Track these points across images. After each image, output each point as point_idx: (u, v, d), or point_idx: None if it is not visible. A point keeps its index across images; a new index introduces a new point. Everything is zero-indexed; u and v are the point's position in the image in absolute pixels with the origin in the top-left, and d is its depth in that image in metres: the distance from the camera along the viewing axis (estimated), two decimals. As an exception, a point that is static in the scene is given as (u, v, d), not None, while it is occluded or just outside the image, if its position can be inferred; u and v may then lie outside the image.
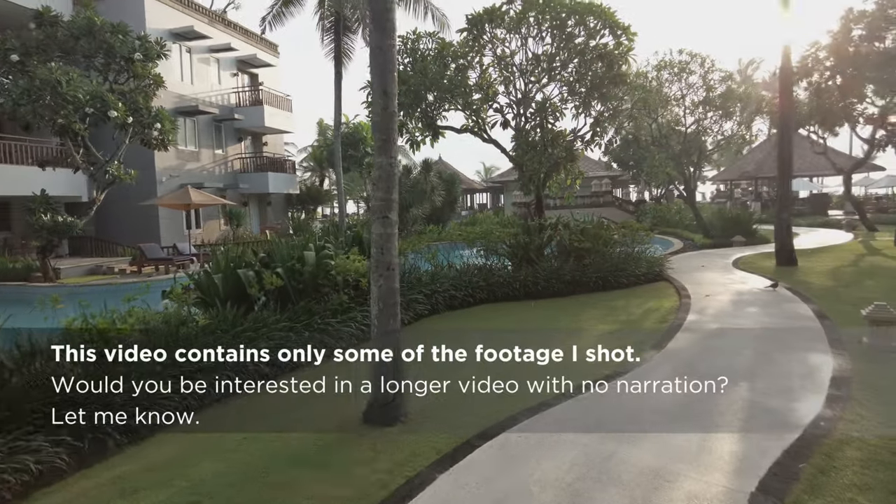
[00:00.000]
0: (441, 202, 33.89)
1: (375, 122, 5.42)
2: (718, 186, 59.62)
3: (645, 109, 20.80)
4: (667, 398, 5.46)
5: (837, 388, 5.71)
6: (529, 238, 14.43)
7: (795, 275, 13.65)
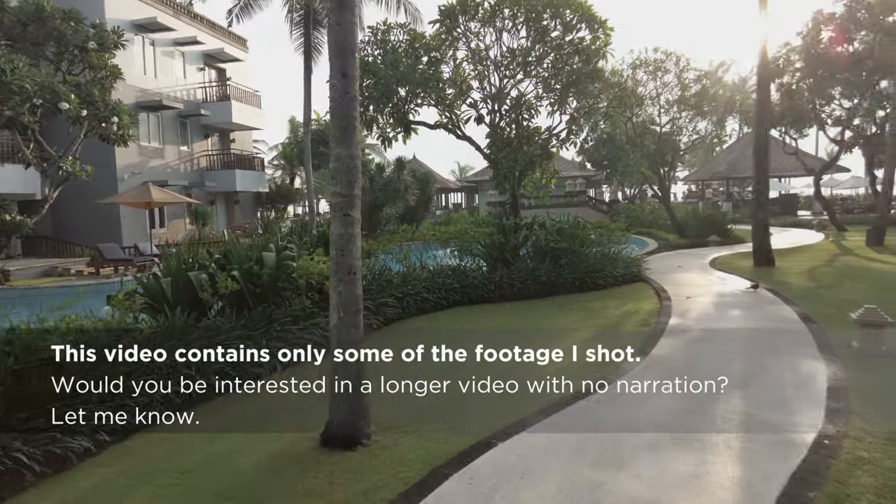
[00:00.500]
0: (415, 201, 33.33)
1: (334, 108, 4.85)
2: (690, 186, 60.18)
3: (621, 107, 20.52)
4: (657, 413, 5.00)
5: (836, 400, 5.32)
6: (505, 238, 13.96)
7: (774, 275, 13.42)
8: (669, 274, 14.48)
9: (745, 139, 45.77)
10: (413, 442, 4.67)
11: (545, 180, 17.70)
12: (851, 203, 42.34)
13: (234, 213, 36.31)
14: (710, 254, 18.45)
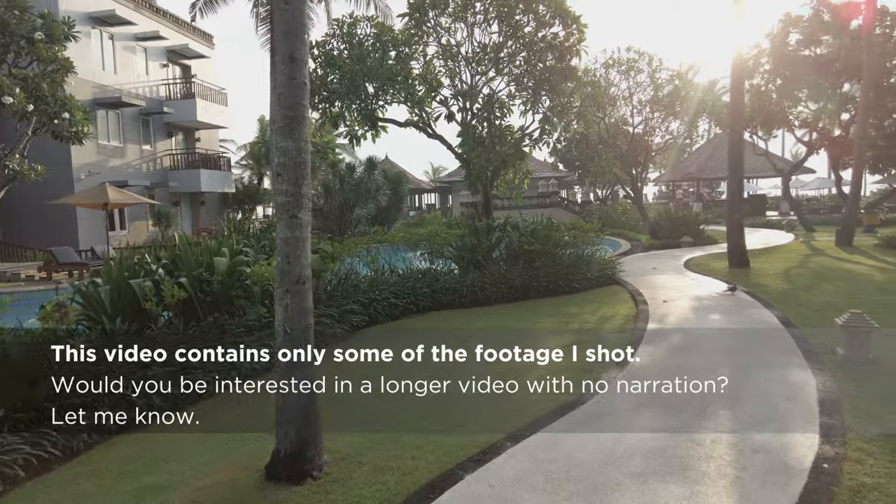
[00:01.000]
0: (387, 202, 32.73)
1: (280, 95, 4.29)
2: (661, 187, 60.70)
3: (594, 106, 20.26)
4: (640, 436, 4.56)
5: (829, 415, 4.95)
6: (477, 240, 13.51)
7: (750, 277, 13.22)
8: (644, 276, 14.19)
9: (715, 140, 46.25)
10: (369, 475, 4.14)
11: (518, 180, 17.34)
12: (817, 204, 43.04)
13: (199, 214, 35.19)
14: (683, 255, 18.28)
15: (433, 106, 14.23)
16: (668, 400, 5.41)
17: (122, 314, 6.83)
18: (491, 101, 13.56)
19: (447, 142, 14.72)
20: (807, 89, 26.00)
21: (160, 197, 29.96)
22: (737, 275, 13.71)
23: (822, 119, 27.46)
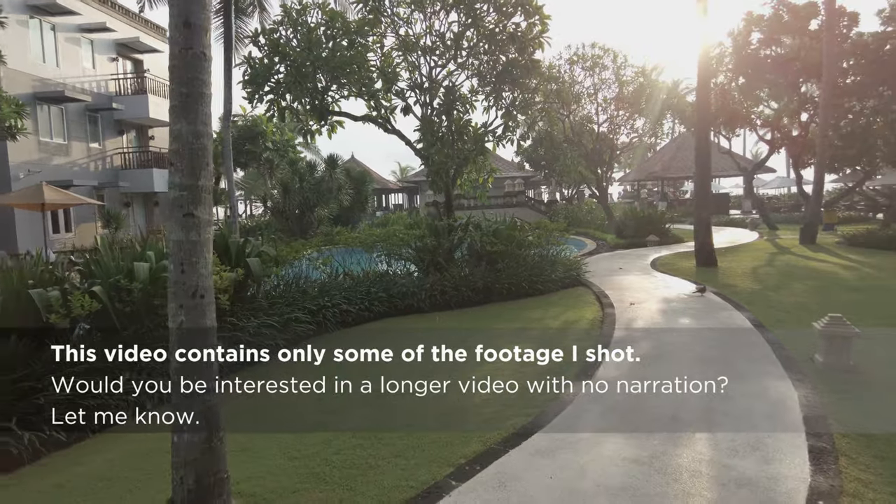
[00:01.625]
0: (349, 202, 31.81)
1: (173, 68, 3.52)
2: (626, 187, 61.08)
3: (558, 102, 19.79)
4: (607, 468, 3.93)
5: (817, 436, 4.42)
6: (437, 241, 12.82)
7: (718, 277, 12.86)
8: (610, 277, 13.73)
9: (679, 140, 46.60)
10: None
11: (482, 179, 16.73)
12: (777, 202, 43.66)
13: (153, 215, 33.65)
14: (649, 254, 17.94)
15: (391, 100, 13.48)
16: (638, 422, 4.81)
17: (18, 329, 5.92)
18: (451, 93, 12.87)
19: (406, 137, 13.99)
20: (768, 88, 26.07)
21: (111, 197, 28.47)
22: (705, 274, 13.35)
23: (782, 118, 27.61)
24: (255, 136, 37.04)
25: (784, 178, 50.49)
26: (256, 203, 45.46)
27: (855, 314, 8.47)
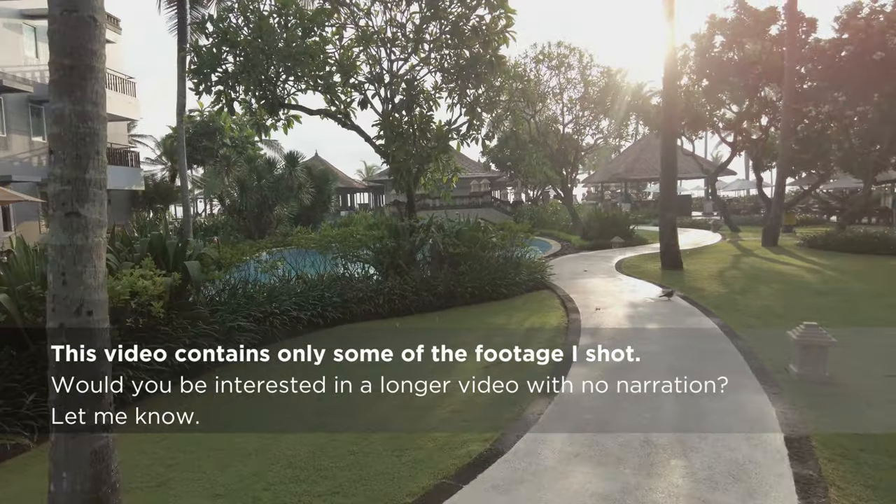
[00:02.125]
0: (311, 201, 30.88)
1: (53, 34, 2.89)
2: (590, 188, 61.46)
3: (524, 101, 19.41)
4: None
5: (802, 462, 4.02)
6: (397, 242, 12.24)
7: (685, 279, 12.62)
8: (575, 280, 13.38)
9: (643, 142, 47.00)
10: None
11: (446, 178, 16.21)
12: (737, 204, 44.36)
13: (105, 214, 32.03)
14: (614, 256, 17.71)
15: (351, 93, 12.82)
16: (606, 446, 4.34)
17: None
18: (412, 87, 12.30)
19: (365, 133, 13.37)
20: (729, 91, 26.27)
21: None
22: (671, 277, 13.11)
23: (743, 122, 27.90)
24: (213, 131, 35.79)
25: (744, 181, 51.42)
26: (217, 202, 43.92)
27: (823, 319, 8.24)
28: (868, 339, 7.35)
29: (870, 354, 6.70)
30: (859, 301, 10.07)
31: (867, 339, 7.36)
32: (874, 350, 6.89)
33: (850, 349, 6.53)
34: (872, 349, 6.91)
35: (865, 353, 6.75)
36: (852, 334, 7.41)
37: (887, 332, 7.88)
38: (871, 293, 10.76)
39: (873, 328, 8.07)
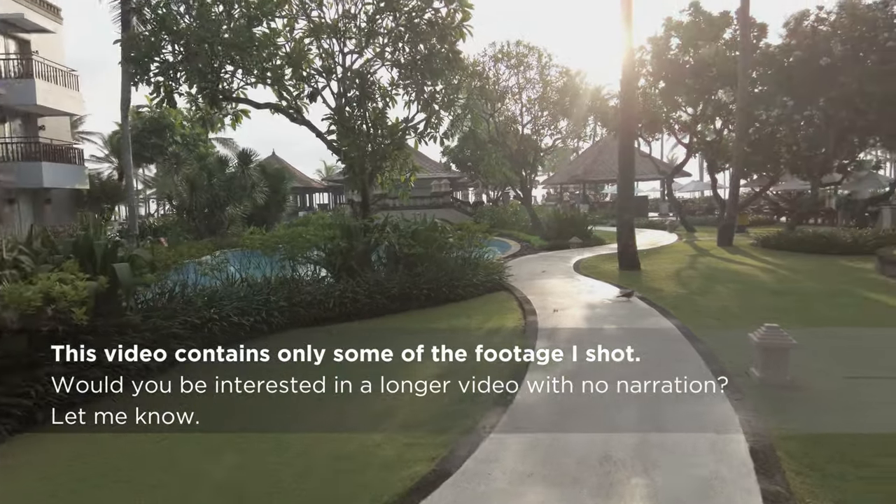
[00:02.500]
0: (265, 200, 29.98)
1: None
2: (549, 190, 61.93)
3: (483, 100, 19.14)
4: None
5: (768, 477, 3.75)
6: (350, 242, 11.75)
7: (642, 280, 12.52)
8: (533, 280, 13.14)
9: (600, 144, 47.50)
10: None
11: (404, 177, 15.79)
12: (692, 205, 45.25)
13: (44, 213, 30.42)
14: (572, 256, 17.60)
15: (301, 87, 12.27)
16: (562, 464, 4.00)
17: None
18: (363, 79, 11.83)
19: (317, 129, 12.84)
20: (685, 94, 26.61)
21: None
22: (628, 277, 13.00)
23: (699, 123, 28.34)
24: (163, 128, 34.40)
25: (699, 182, 52.51)
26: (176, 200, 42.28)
27: (780, 319, 8.16)
28: (825, 339, 7.26)
29: (829, 355, 6.59)
30: (813, 301, 10.09)
31: (824, 339, 7.27)
32: (832, 351, 6.79)
33: (809, 350, 6.39)
34: (831, 350, 6.80)
35: (824, 354, 6.64)
36: (810, 335, 7.28)
37: (843, 333, 7.83)
38: (824, 293, 10.83)
39: (829, 328, 8.02)
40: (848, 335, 7.68)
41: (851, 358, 6.61)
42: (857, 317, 9.05)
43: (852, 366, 6.36)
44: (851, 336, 7.72)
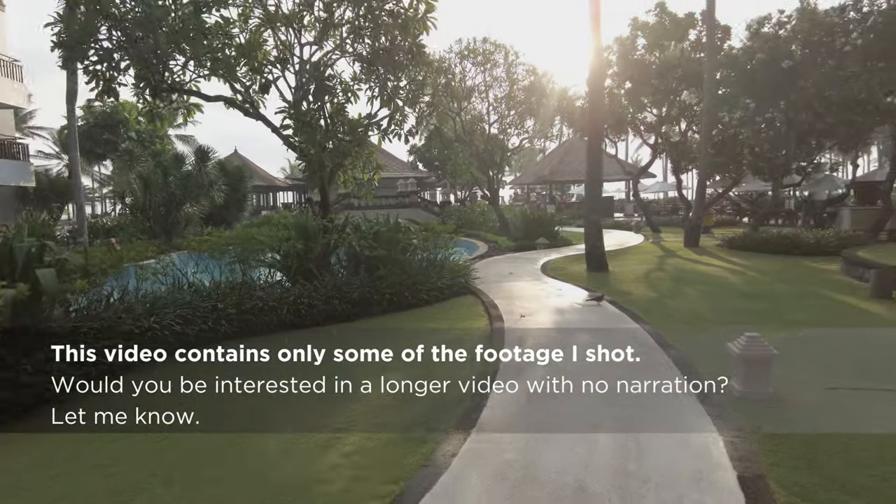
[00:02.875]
0: (224, 199, 28.91)
1: None
2: (517, 190, 61.90)
3: (448, 97, 18.64)
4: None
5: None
6: (306, 244, 11.11)
7: (611, 282, 12.20)
8: (500, 283, 12.72)
9: (566, 144, 47.59)
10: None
11: (367, 176, 15.19)
12: (657, 206, 45.67)
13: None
14: (540, 257, 17.27)
15: (255, 79, 11.55)
16: (534, 498, 3.52)
17: None
18: (319, 72, 11.19)
19: (273, 124, 12.13)
20: (651, 94, 26.62)
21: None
22: (597, 280, 12.69)
23: (664, 125, 28.42)
24: (116, 123, 32.98)
25: (663, 183, 53.07)
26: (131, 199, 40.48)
27: (753, 323, 7.94)
28: (801, 345, 6.99)
29: (807, 363, 6.30)
30: (784, 303, 9.90)
31: (800, 345, 7.00)
32: (810, 358, 6.51)
33: (786, 358, 6.07)
34: (808, 357, 6.53)
35: (802, 361, 6.34)
36: (785, 341, 7.00)
37: (816, 336, 7.60)
38: (793, 294, 10.67)
39: (802, 332, 7.77)
40: (822, 339, 7.45)
41: (829, 365, 6.34)
42: (828, 319, 8.89)
43: (831, 374, 6.08)
44: (825, 340, 7.50)
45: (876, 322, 8.70)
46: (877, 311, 9.33)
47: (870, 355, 6.75)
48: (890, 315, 9.10)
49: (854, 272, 12.45)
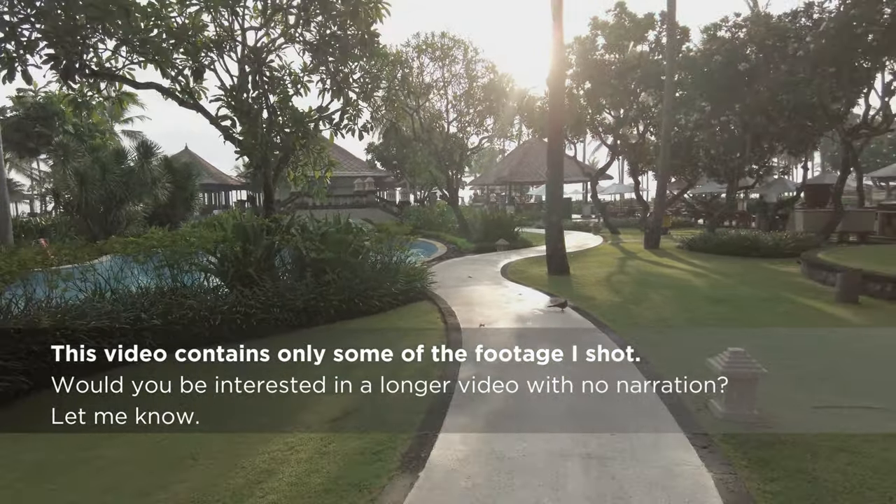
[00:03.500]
0: (169, 197, 27.37)
1: None
2: (476, 190, 61.56)
3: (405, 92, 17.86)
4: None
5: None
6: (245, 246, 10.17)
7: (573, 286, 11.66)
8: (459, 287, 12.05)
9: (526, 146, 47.36)
10: None
11: (318, 174, 14.29)
12: (614, 207, 45.89)
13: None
14: (500, 260, 16.69)
15: (190, 63, 10.53)
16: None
17: None
18: (259, 57, 10.28)
19: (210, 114, 11.13)
20: (610, 95, 26.45)
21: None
22: (558, 283, 12.14)
23: (623, 125, 28.32)
24: (50, 115, 30.89)
25: (619, 185, 53.50)
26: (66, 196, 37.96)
27: (724, 331, 7.51)
28: (777, 357, 6.48)
29: (787, 378, 5.81)
30: (750, 308, 9.53)
31: (776, 357, 6.49)
32: (788, 372, 6.02)
33: (766, 375, 5.57)
34: (787, 371, 6.03)
35: (782, 376, 5.84)
36: (759, 351, 6.50)
37: (792, 347, 7.17)
38: (759, 299, 10.33)
39: (775, 340, 7.32)
40: (797, 349, 7.01)
41: (810, 379, 5.89)
42: (796, 324, 8.53)
43: (813, 389, 5.62)
44: (800, 349, 7.06)
45: (847, 327, 8.39)
46: (844, 316, 9.04)
47: (848, 366, 6.34)
48: (858, 320, 8.81)
49: (816, 275, 12.26)
